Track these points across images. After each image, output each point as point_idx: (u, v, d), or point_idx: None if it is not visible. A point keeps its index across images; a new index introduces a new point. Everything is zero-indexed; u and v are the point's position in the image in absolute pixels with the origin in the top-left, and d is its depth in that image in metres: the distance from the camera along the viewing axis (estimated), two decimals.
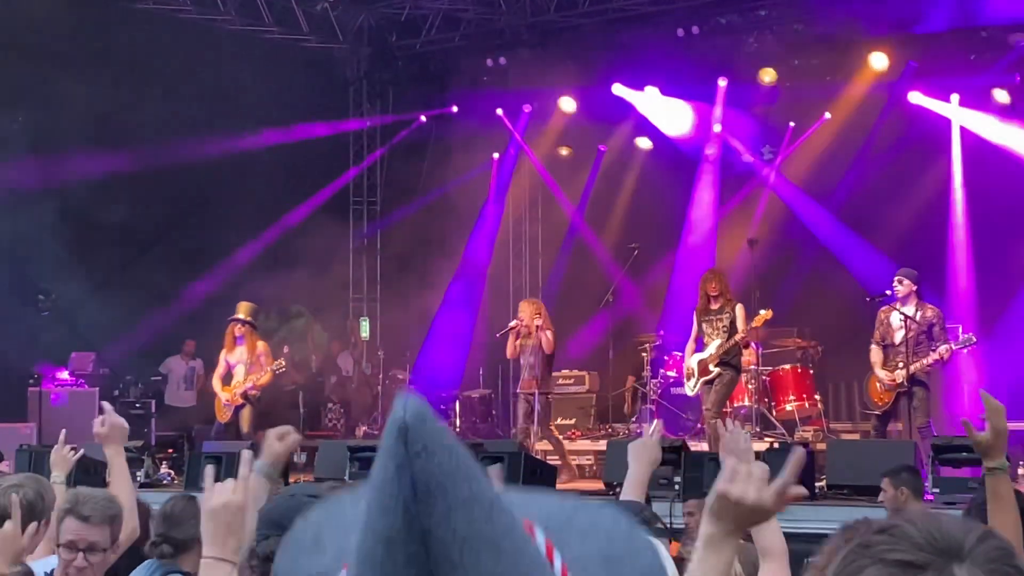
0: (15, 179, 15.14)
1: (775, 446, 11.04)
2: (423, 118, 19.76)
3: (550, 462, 12.09)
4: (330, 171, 19.66)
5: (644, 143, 18.81)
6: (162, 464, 12.67)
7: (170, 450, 15.17)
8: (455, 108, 19.38)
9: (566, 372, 16.69)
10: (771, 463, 8.17)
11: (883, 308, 11.91)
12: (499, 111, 19.12)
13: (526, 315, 13.50)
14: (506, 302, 19.77)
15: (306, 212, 18.64)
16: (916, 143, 16.67)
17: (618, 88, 17.95)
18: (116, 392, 16.31)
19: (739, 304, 12.78)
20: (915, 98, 16.41)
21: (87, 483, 11.34)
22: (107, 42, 16.15)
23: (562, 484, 11.84)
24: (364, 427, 17.45)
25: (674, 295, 17.95)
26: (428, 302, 19.08)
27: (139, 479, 11.50)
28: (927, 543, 1.28)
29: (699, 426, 14.94)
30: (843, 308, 14.64)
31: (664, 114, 18.23)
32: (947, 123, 16.38)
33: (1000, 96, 15.97)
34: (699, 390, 12.79)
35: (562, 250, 19.70)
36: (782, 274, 16.67)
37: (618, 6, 17.26)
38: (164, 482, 12.08)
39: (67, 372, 16.00)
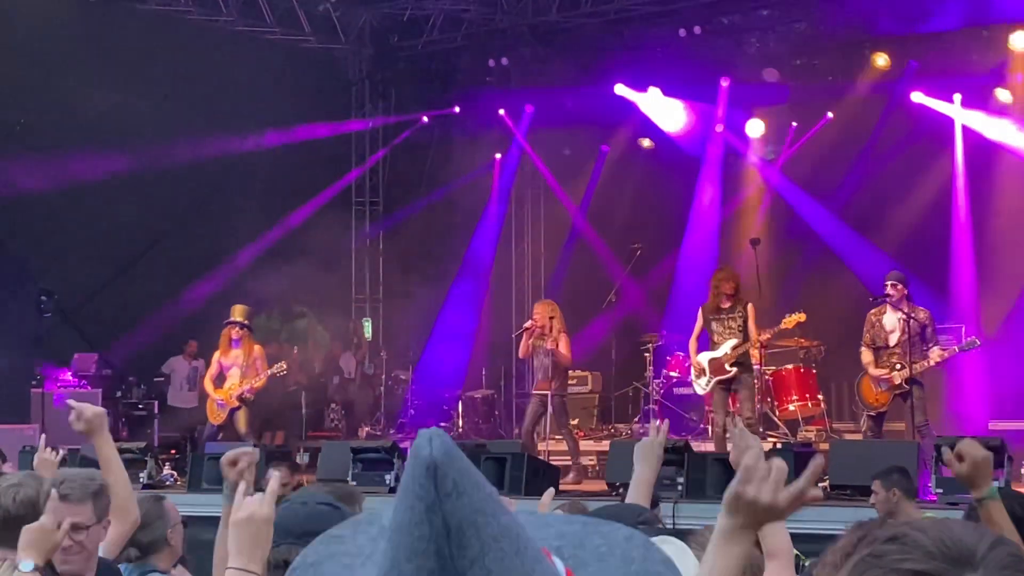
0: (18, 180, 15.15)
1: (778, 446, 11.03)
2: (425, 118, 19.77)
3: (558, 463, 12.09)
4: (333, 172, 19.66)
5: (646, 143, 18.81)
6: (165, 465, 12.64)
7: (173, 451, 15.18)
8: (457, 108, 19.38)
9: (569, 372, 16.66)
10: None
11: (873, 311, 11.89)
12: (501, 111, 19.12)
13: (540, 316, 13.46)
14: (509, 302, 19.78)
15: (308, 212, 18.64)
16: (918, 143, 16.67)
17: (620, 88, 17.95)
18: (119, 393, 16.34)
19: (750, 303, 12.71)
20: (917, 98, 16.40)
21: None
22: (110, 43, 16.16)
23: (568, 485, 11.84)
24: (367, 427, 17.47)
25: (677, 295, 17.95)
26: (431, 302, 19.08)
27: (142, 480, 11.49)
28: (939, 551, 1.27)
29: (702, 426, 14.95)
30: (846, 308, 14.61)
31: (666, 114, 18.22)
32: (949, 123, 16.37)
33: (1002, 95, 15.96)
34: (710, 389, 12.61)
35: (564, 250, 19.70)
36: (784, 274, 16.67)
37: (620, 6, 17.25)
38: (167, 483, 12.06)
39: (70, 373, 16.01)
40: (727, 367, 12.31)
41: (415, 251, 19.10)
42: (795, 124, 17.59)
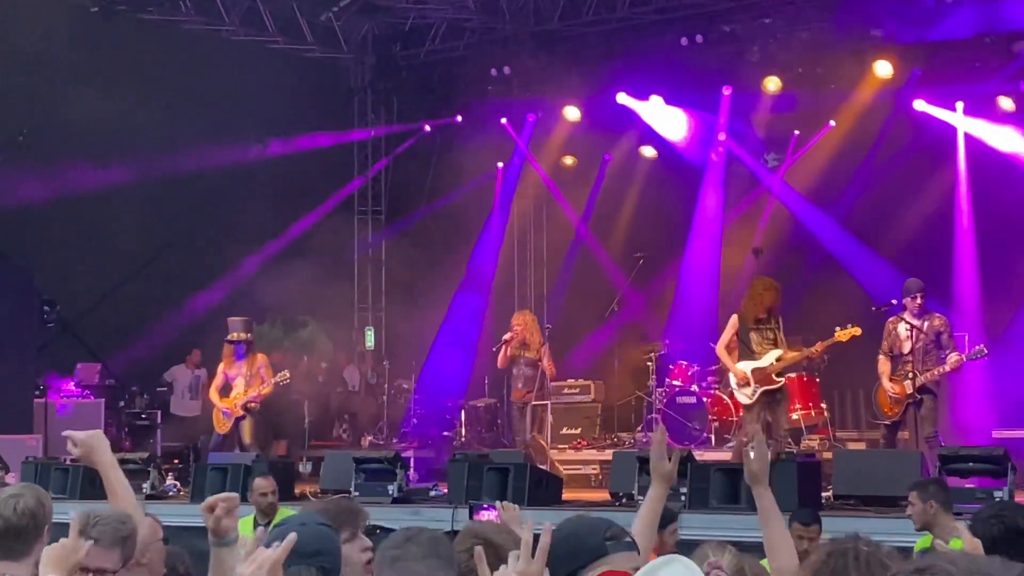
0: (21, 190, 15.16)
1: (781, 456, 11.00)
2: (427, 127, 19.78)
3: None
4: (335, 181, 19.68)
5: (648, 152, 18.82)
6: (168, 475, 12.64)
7: (176, 460, 15.20)
8: (459, 117, 19.38)
9: (571, 381, 16.68)
10: (777, 473, 8.08)
11: (891, 319, 11.88)
12: (503, 120, 19.12)
13: (519, 326, 13.73)
14: (511, 311, 19.69)
15: (311, 222, 18.66)
16: (921, 151, 16.65)
17: (622, 97, 17.95)
18: (122, 403, 16.34)
19: (780, 316, 12.67)
20: (920, 106, 16.39)
21: (92, 495, 11.37)
22: (112, 54, 16.19)
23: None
24: (370, 437, 17.45)
25: (679, 304, 17.95)
26: (433, 312, 19.07)
27: (145, 491, 11.50)
28: None
29: (705, 435, 14.93)
30: (849, 317, 14.54)
31: (668, 123, 18.22)
32: (952, 131, 16.35)
33: (1005, 103, 15.95)
34: (755, 399, 12.42)
35: (567, 259, 19.69)
36: (787, 282, 16.55)
37: (622, 15, 17.26)
38: (170, 494, 12.06)
39: (73, 383, 16.01)
40: (775, 377, 12.24)
41: (418, 260, 19.09)
42: (797, 132, 17.58)
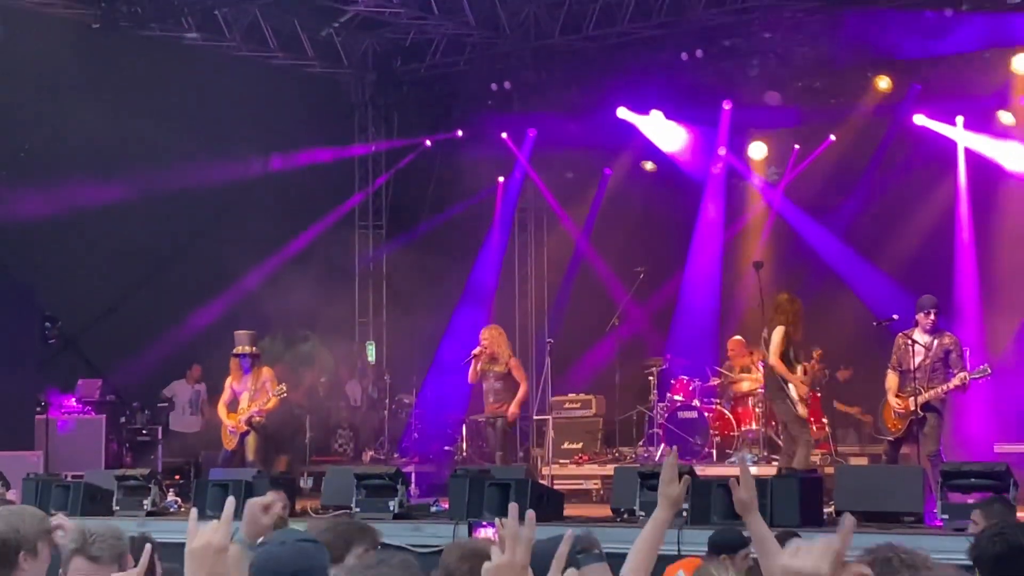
0: (22, 206, 15.17)
1: (782, 472, 10.99)
2: (428, 142, 19.81)
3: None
4: (336, 196, 19.69)
5: (649, 166, 18.83)
6: (169, 491, 12.62)
7: (177, 476, 15.17)
8: (460, 132, 19.41)
9: (572, 396, 16.67)
10: (778, 489, 8.05)
11: (900, 334, 11.81)
12: (504, 135, 19.16)
13: (487, 340, 13.91)
14: (512, 325, 19.76)
15: (312, 237, 18.66)
16: (921, 165, 16.68)
17: (622, 112, 17.98)
18: (123, 419, 16.32)
19: None
20: (920, 120, 16.42)
21: (93, 511, 11.35)
22: (113, 69, 16.21)
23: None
24: (371, 452, 17.43)
25: (680, 318, 17.95)
26: (434, 325, 19.06)
27: (146, 507, 11.48)
28: None
29: (706, 450, 14.93)
30: (850, 331, 14.63)
31: (668, 137, 18.25)
32: (952, 145, 16.37)
33: (1005, 118, 15.98)
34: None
35: (568, 274, 19.69)
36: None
37: (622, 30, 17.29)
38: (171, 510, 12.03)
39: (74, 399, 16.00)
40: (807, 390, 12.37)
41: (418, 274, 19.09)
42: (797, 147, 17.61)
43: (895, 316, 11.96)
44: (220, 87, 17.19)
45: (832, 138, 17.12)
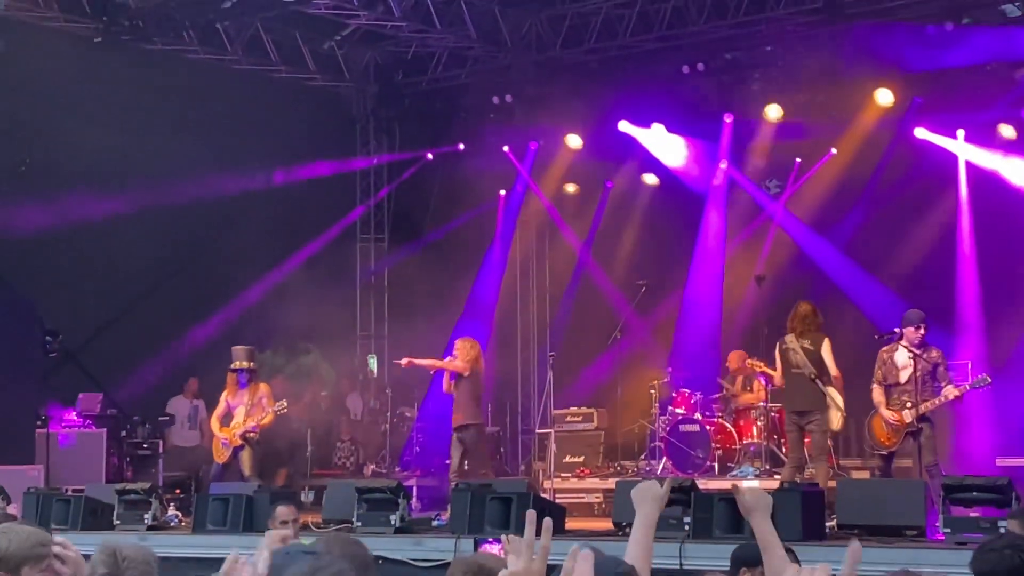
0: (23, 220, 15.18)
1: (785, 485, 10.96)
2: (430, 155, 19.83)
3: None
4: (338, 209, 19.70)
5: (650, 179, 18.83)
6: (170, 506, 12.59)
7: (177, 490, 15.15)
8: (462, 145, 19.42)
9: (574, 409, 16.65)
10: (780, 503, 8.04)
11: (884, 348, 11.87)
12: (505, 148, 19.17)
13: (460, 353, 13.86)
14: (514, 338, 19.78)
15: (314, 250, 18.66)
16: (922, 179, 16.67)
17: (624, 125, 17.99)
18: (124, 433, 16.30)
19: None
20: (921, 134, 16.42)
21: (94, 525, 11.32)
22: (114, 83, 16.21)
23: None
24: (372, 465, 17.40)
25: (682, 332, 17.93)
26: (436, 339, 19.01)
27: (146, 521, 11.46)
28: None
29: (708, 463, 14.89)
30: (852, 345, 14.55)
31: (670, 150, 18.25)
32: (953, 159, 16.37)
33: (1006, 131, 15.97)
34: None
35: (569, 287, 19.68)
36: (789, 310, 16.60)
37: (623, 43, 17.31)
38: (172, 524, 12.01)
39: (75, 413, 15.98)
40: None
41: (420, 287, 19.08)
42: (799, 160, 17.60)
43: (897, 330, 11.93)
44: (221, 101, 17.22)
45: (833, 151, 17.11)
